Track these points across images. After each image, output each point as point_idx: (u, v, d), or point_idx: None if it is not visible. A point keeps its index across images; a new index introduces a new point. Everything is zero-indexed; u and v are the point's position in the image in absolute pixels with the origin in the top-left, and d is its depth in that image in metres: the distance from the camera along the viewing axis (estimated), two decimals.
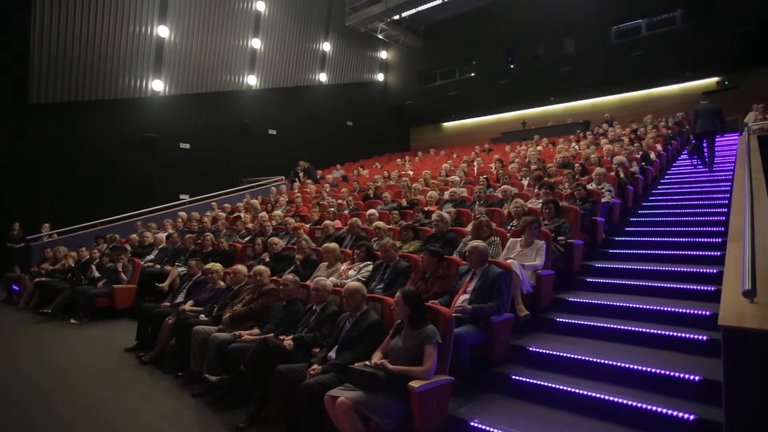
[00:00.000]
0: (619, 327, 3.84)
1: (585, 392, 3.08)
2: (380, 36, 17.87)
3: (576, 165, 7.60)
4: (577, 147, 10.64)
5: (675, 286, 4.38)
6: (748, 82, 13.22)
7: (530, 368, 3.53)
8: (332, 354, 3.34)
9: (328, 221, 7.01)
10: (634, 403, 2.88)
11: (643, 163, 8.29)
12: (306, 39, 17.08)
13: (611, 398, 2.97)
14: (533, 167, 8.37)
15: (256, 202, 10.98)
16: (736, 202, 4.14)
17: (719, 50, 12.80)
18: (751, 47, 12.24)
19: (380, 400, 2.77)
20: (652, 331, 3.66)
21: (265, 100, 16.10)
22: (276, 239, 6.30)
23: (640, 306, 4.08)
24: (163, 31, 13.02)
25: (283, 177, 14.22)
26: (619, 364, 3.28)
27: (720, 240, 5.11)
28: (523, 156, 10.60)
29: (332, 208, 8.14)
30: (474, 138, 18.29)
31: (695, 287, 4.25)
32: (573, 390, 3.13)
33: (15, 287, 8.60)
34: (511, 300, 3.85)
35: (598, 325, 3.95)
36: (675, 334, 3.55)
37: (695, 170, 8.91)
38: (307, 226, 7.55)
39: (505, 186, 6.79)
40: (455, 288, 3.93)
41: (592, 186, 6.32)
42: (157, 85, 13.24)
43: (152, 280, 6.79)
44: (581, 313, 4.28)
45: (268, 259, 5.97)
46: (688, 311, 3.82)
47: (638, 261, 5.21)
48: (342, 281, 4.55)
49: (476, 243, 3.92)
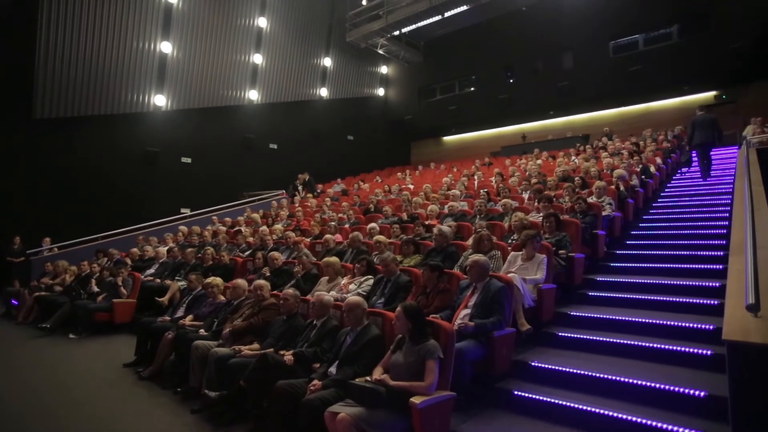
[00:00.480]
0: (621, 341, 3.81)
1: (588, 408, 3.05)
2: (381, 51, 18.07)
3: (576, 178, 7.62)
4: (576, 160, 10.68)
5: (678, 299, 4.36)
6: (746, 95, 13.34)
7: (532, 383, 3.50)
8: (333, 369, 3.31)
9: (328, 235, 7.01)
10: (639, 420, 2.84)
11: (643, 177, 8.31)
12: (307, 54, 17.28)
13: (615, 414, 2.93)
14: (533, 181, 8.39)
15: (257, 216, 10.98)
16: (737, 216, 4.14)
17: (716, 65, 12.92)
18: (746, 62, 12.36)
19: (381, 416, 2.74)
20: (655, 345, 3.63)
21: (266, 114, 16.22)
22: (276, 253, 6.28)
23: (643, 320, 4.05)
24: (166, 47, 13.19)
25: (284, 191, 14.25)
26: (622, 379, 3.25)
27: (722, 253, 5.08)
28: (523, 169, 10.63)
29: (333, 222, 8.15)
30: (474, 152, 18.37)
31: (698, 301, 4.22)
32: (576, 406, 3.10)
33: (14, 302, 8.56)
34: (512, 314, 3.83)
35: (601, 339, 3.92)
36: (679, 348, 3.52)
37: (695, 183, 8.98)
38: (308, 240, 7.54)
39: (505, 200, 6.79)
40: (456, 302, 3.91)
41: (592, 199, 6.32)
42: (160, 100, 13.36)
43: (152, 294, 6.76)
44: (583, 327, 4.26)
45: (269, 274, 5.95)
46: (691, 325, 3.79)
47: (640, 274, 5.19)
48: (342, 295, 4.53)
49: (477, 257, 3.92)
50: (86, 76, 11.80)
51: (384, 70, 20.93)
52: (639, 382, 3.17)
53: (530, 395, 3.32)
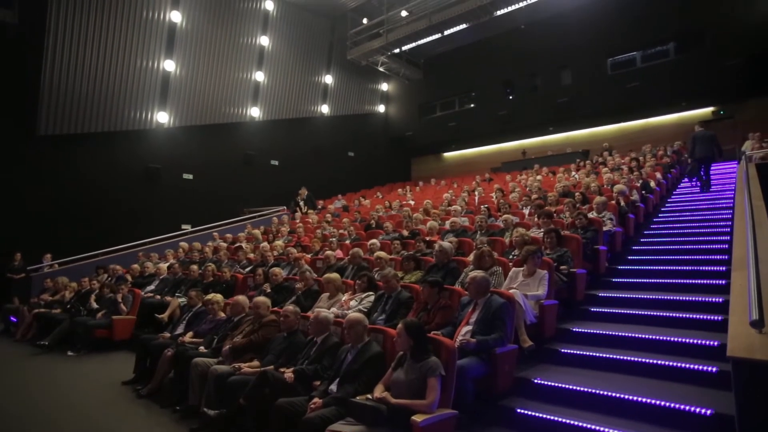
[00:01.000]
0: (625, 358, 3.77)
1: (593, 426, 3.00)
2: (381, 69, 18.28)
3: (576, 194, 7.62)
4: (577, 176, 10.71)
5: (681, 315, 4.33)
6: (743, 111, 13.44)
7: (535, 401, 3.46)
8: (333, 387, 3.27)
9: (329, 251, 6.99)
10: None
11: (644, 192, 8.33)
12: (308, 72, 17.48)
13: None
14: (534, 196, 8.40)
15: (258, 232, 10.99)
16: (738, 231, 4.13)
17: (712, 81, 13.04)
18: (742, 79, 12.48)
19: None
20: (659, 362, 3.59)
21: (267, 131, 16.34)
22: (277, 270, 6.26)
23: (647, 336, 4.01)
24: (169, 65, 13.36)
25: (285, 207, 14.28)
26: (627, 396, 3.21)
27: (724, 268, 5.06)
28: (523, 185, 10.66)
29: (333, 238, 8.14)
30: (474, 168, 18.45)
31: (702, 317, 4.18)
32: (580, 424, 3.05)
33: (12, 318, 8.52)
34: (514, 330, 3.80)
35: (604, 356, 3.88)
36: (683, 365, 3.48)
37: (695, 198, 9.01)
38: (309, 256, 7.52)
39: (506, 215, 6.80)
40: (458, 319, 3.89)
41: (593, 215, 6.33)
42: (162, 117, 13.47)
43: (152, 310, 6.73)
44: (586, 343, 4.21)
45: (269, 290, 5.93)
46: (695, 341, 3.76)
47: (642, 290, 5.16)
48: (343, 312, 4.51)
49: (474, 273, 3.90)
50: (90, 93, 11.92)
51: (384, 87, 21.16)
52: (644, 400, 3.13)
53: (533, 413, 3.28)
